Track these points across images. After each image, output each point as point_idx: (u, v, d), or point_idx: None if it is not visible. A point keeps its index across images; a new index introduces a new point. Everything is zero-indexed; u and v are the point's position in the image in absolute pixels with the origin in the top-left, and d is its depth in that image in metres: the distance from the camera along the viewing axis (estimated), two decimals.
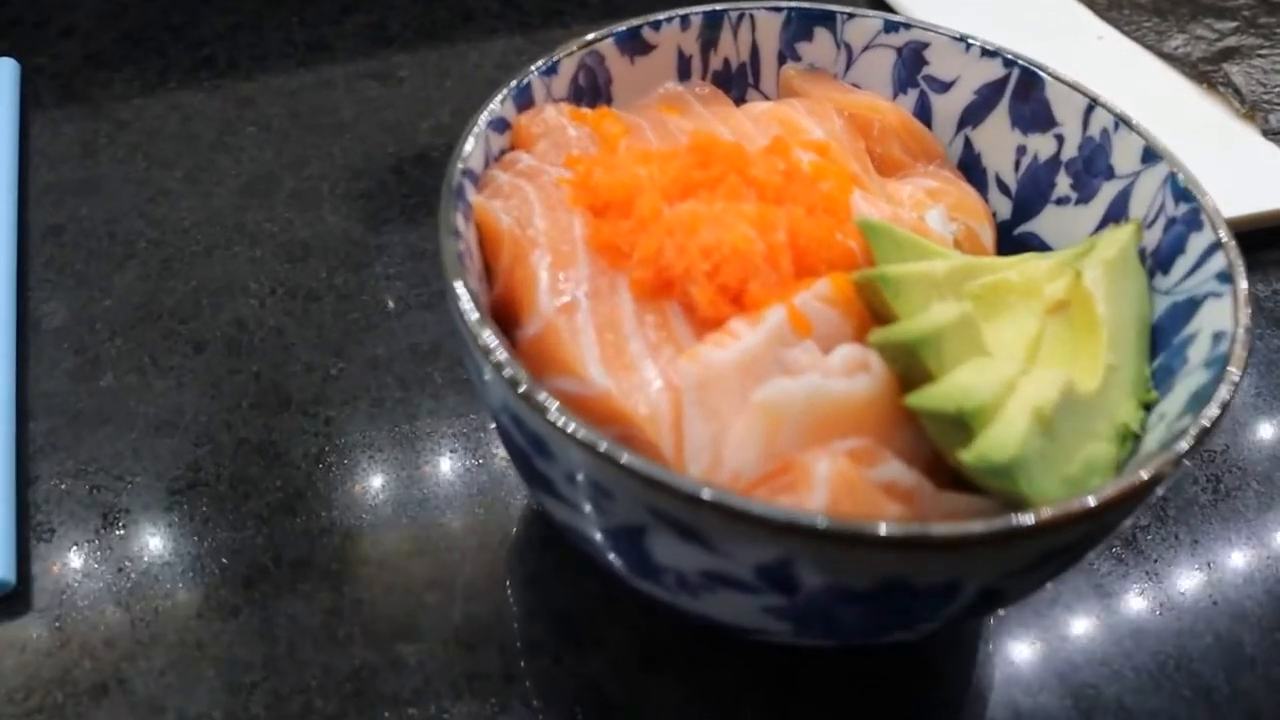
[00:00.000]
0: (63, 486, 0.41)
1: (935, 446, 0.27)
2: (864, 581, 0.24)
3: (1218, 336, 0.29)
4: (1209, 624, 0.39)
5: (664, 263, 0.29)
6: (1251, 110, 0.60)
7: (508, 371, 0.26)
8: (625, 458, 0.23)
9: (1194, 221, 0.33)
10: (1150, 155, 0.35)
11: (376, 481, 0.42)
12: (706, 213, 0.30)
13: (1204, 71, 0.63)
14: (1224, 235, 0.32)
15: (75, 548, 0.39)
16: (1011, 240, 0.41)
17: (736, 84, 0.42)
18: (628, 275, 0.31)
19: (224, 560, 0.39)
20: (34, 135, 0.57)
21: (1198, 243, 0.33)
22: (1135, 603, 0.39)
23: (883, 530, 0.22)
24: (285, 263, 0.51)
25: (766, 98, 0.43)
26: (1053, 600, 0.39)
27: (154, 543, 0.39)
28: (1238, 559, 0.41)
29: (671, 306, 0.30)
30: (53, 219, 0.52)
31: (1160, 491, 0.27)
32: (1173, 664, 0.38)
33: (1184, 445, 0.25)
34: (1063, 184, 0.39)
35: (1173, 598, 0.40)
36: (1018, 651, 0.38)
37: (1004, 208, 0.41)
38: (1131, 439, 0.30)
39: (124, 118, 0.59)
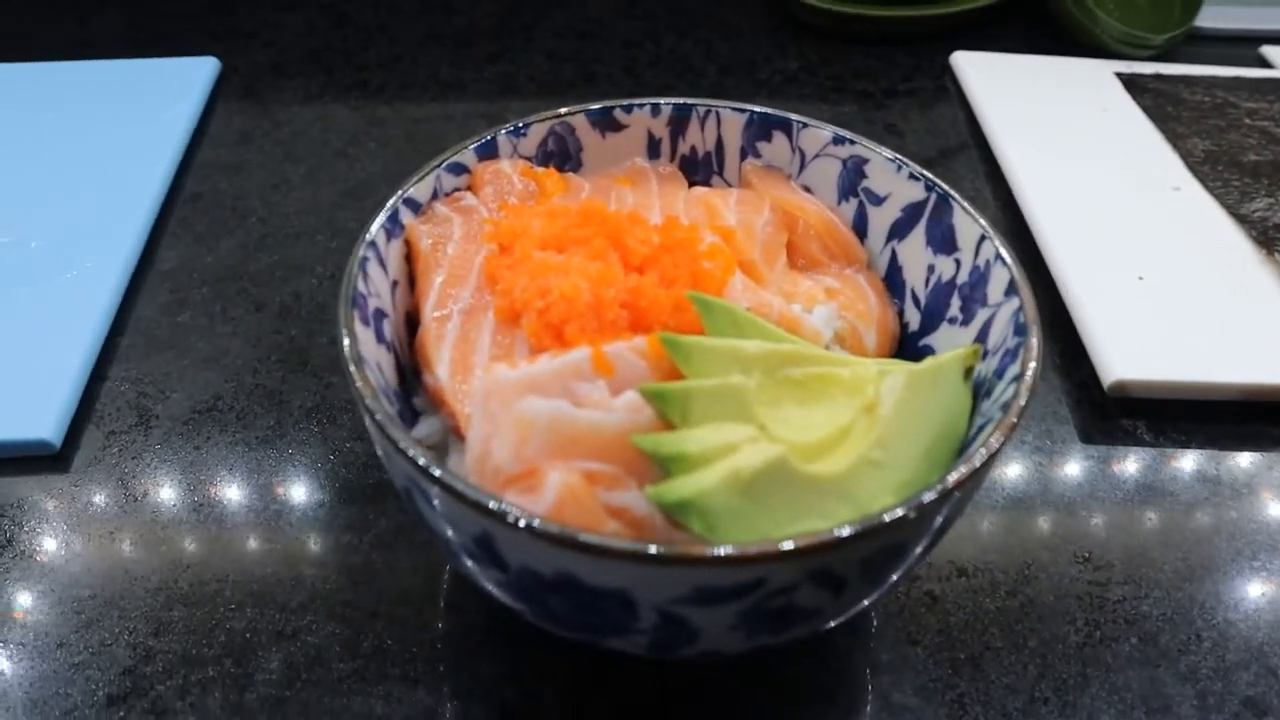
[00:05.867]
0: (121, 388, 0.53)
1: None
2: (544, 568, 0.30)
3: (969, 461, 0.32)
4: None
5: (514, 296, 0.36)
6: None
7: (348, 357, 0.33)
8: (383, 422, 0.30)
9: (1016, 354, 0.35)
10: (1011, 289, 0.38)
11: (343, 439, 0.50)
12: (558, 263, 0.36)
13: (1271, 238, 0.62)
14: (1028, 371, 0.34)
15: (113, 435, 0.50)
16: (916, 349, 0.44)
17: (703, 169, 0.48)
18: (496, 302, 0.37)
19: (209, 471, 0.49)
20: (212, 121, 0.72)
21: (1010, 373, 0.35)
22: None
23: (510, 516, 0.28)
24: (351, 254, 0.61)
25: (729, 184, 0.48)
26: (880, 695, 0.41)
27: (168, 447, 0.50)
28: (1087, 704, 0.41)
29: (521, 332, 0.37)
30: (198, 188, 0.66)
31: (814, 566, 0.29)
32: None
33: (843, 532, 0.28)
34: (954, 305, 0.41)
35: None
36: None
37: (915, 320, 0.44)
38: None
39: (281, 119, 0.72)
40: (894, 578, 0.34)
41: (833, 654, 0.43)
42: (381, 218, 0.39)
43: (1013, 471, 0.51)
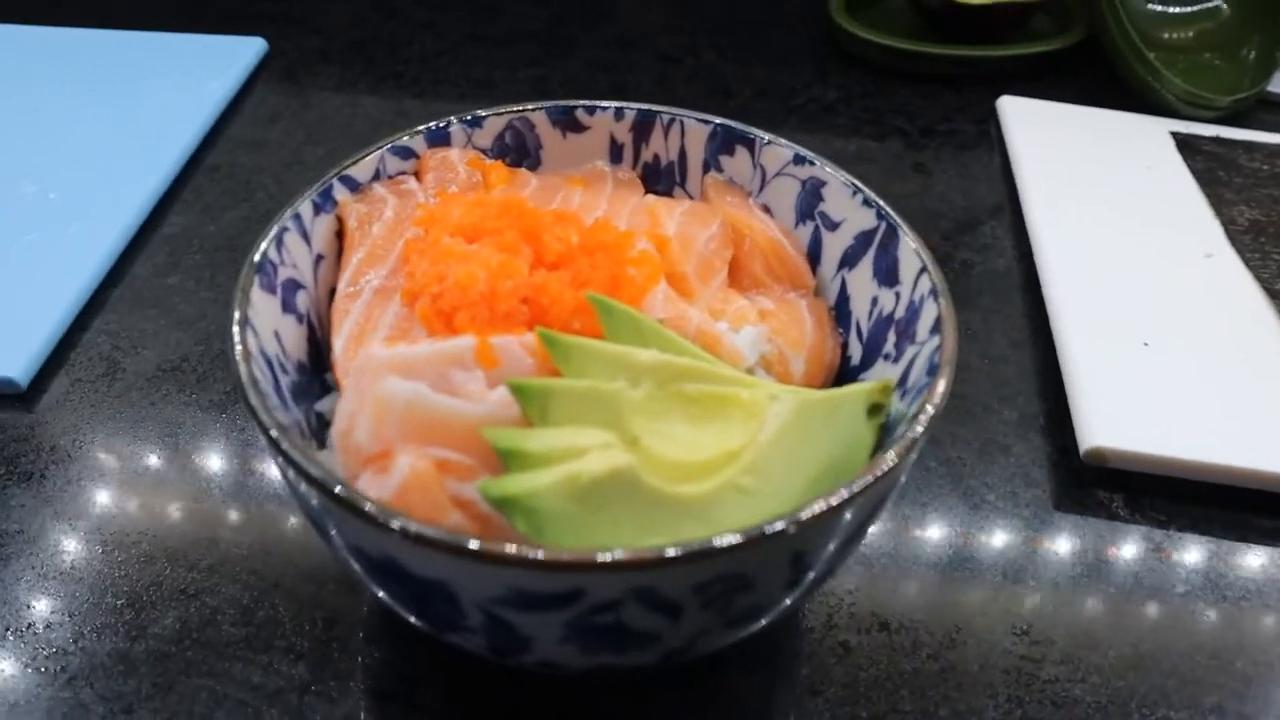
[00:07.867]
0: (98, 340, 0.54)
1: None
2: (371, 549, 0.29)
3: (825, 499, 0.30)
4: None
5: (416, 279, 0.36)
6: None
7: (236, 318, 0.34)
8: (244, 380, 0.30)
9: (920, 393, 0.33)
10: (936, 328, 0.36)
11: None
12: (463, 251, 0.36)
13: None
14: (924, 413, 0.32)
15: (79, 383, 0.52)
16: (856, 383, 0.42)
17: (665, 179, 0.47)
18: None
19: (157, 428, 0.50)
20: (248, 98, 0.74)
21: (911, 413, 0.33)
22: None
23: (337, 488, 0.27)
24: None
25: (691, 197, 0.47)
26: None
27: (125, 400, 0.51)
28: None
29: None
30: (218, 161, 0.68)
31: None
32: None
33: (616, 556, 0.27)
34: (890, 341, 0.39)
35: None
36: None
37: (857, 353, 0.42)
38: None
39: (312, 102, 0.74)
40: (750, 614, 0.32)
41: (720, 690, 0.41)
42: (311, 192, 0.39)
43: (964, 528, 0.48)
